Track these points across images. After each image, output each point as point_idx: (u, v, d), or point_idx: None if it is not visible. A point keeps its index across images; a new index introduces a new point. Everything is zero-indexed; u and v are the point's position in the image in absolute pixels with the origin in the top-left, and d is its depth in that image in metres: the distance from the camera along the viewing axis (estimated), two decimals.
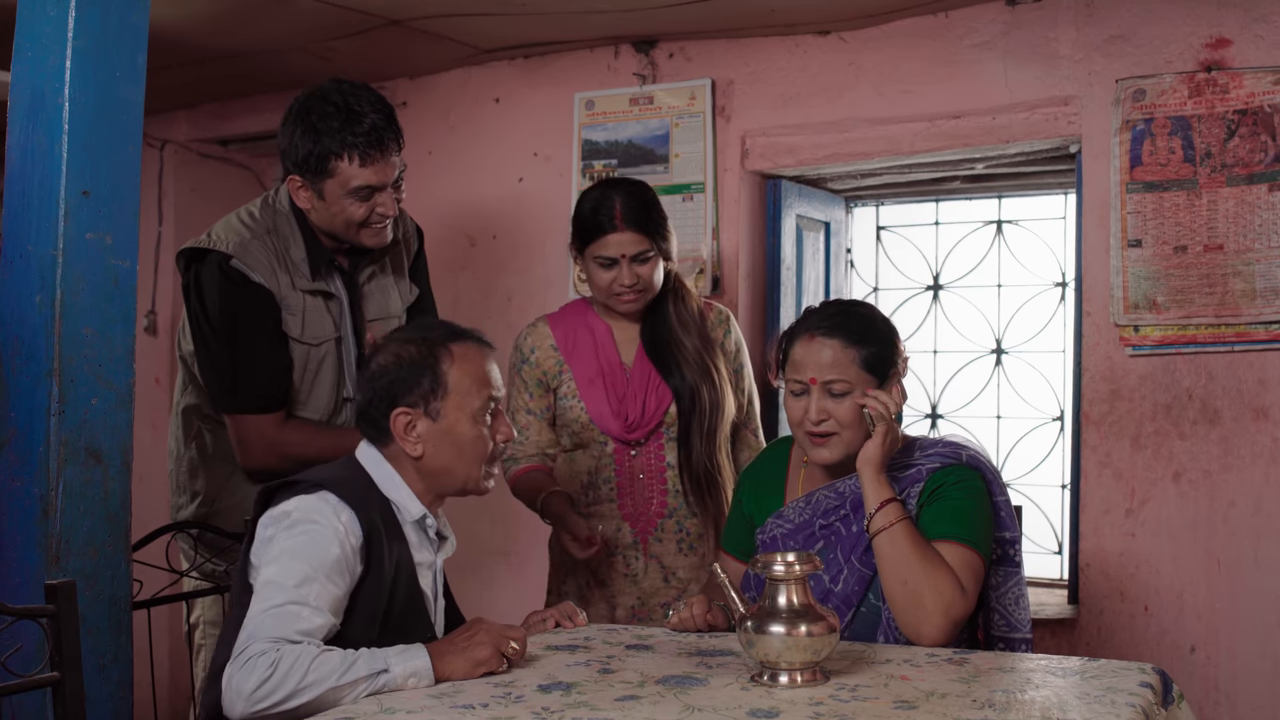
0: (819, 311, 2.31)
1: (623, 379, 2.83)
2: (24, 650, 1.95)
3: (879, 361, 2.25)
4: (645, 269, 2.76)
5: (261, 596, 1.85)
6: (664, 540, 2.83)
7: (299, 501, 1.95)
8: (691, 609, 2.27)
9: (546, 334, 2.91)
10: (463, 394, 2.07)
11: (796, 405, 2.27)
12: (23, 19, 2.29)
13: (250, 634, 1.81)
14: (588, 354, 2.85)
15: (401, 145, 2.59)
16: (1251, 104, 3.15)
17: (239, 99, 4.58)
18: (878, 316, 2.33)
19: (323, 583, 1.88)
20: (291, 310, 2.58)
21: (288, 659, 1.76)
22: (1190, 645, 3.24)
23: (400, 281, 2.81)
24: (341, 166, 2.50)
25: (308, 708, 1.76)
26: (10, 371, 2.25)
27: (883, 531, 2.14)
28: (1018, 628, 2.31)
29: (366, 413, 2.10)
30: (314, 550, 1.90)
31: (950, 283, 4.11)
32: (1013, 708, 1.72)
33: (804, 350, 2.26)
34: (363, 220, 2.57)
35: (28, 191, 2.26)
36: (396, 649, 1.87)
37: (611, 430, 2.81)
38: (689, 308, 2.87)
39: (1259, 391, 3.18)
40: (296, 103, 2.56)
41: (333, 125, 2.49)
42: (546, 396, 2.88)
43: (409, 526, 2.09)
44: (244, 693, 1.75)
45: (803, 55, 3.75)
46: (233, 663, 1.78)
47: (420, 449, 2.07)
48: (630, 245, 2.73)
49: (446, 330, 2.14)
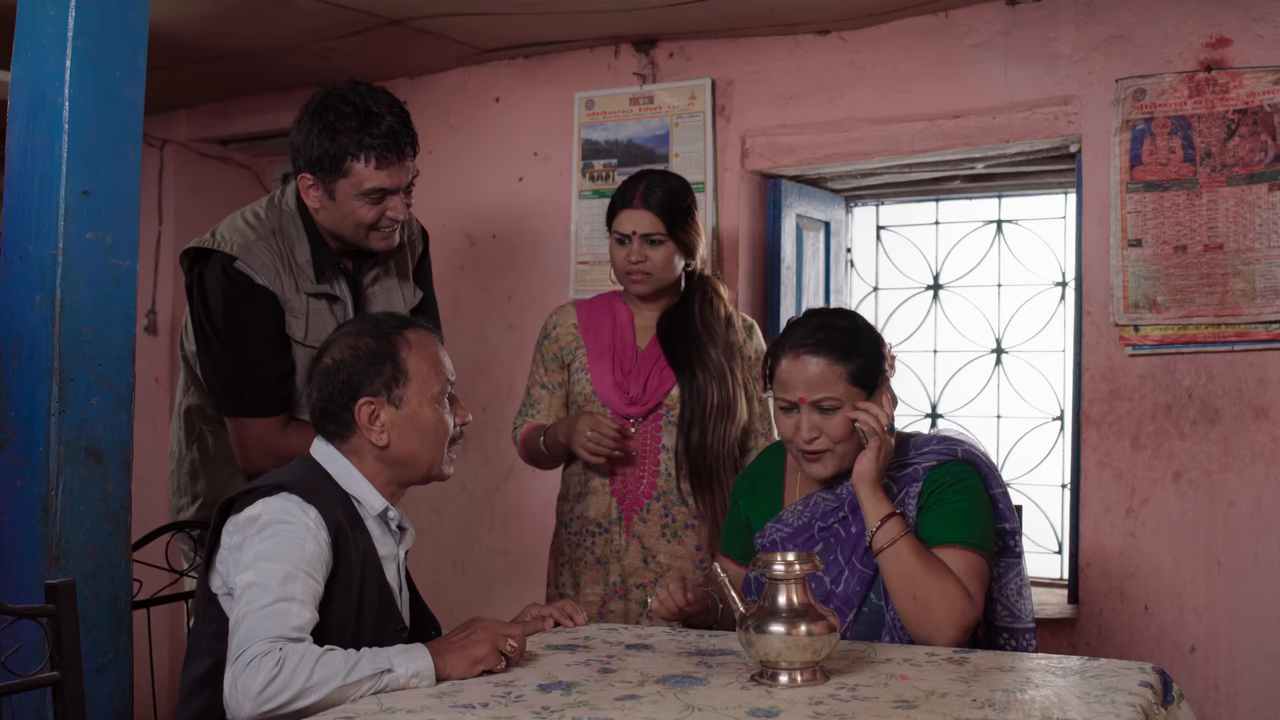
0: (801, 325, 2.29)
1: (631, 357, 2.90)
2: (24, 650, 1.95)
3: (866, 373, 2.24)
4: (655, 252, 2.83)
5: (247, 599, 1.84)
6: (648, 521, 2.86)
7: (264, 505, 1.94)
8: (668, 588, 2.27)
9: (571, 314, 2.99)
10: (423, 379, 2.09)
11: (787, 422, 2.26)
12: (23, 19, 2.29)
13: (245, 636, 1.79)
14: (604, 333, 2.93)
15: (416, 150, 2.59)
16: (1252, 103, 3.15)
17: (239, 99, 4.58)
18: (862, 326, 2.31)
19: (304, 579, 1.88)
20: (295, 313, 2.57)
21: (293, 658, 1.76)
22: (1190, 645, 3.24)
23: (404, 284, 2.81)
24: (356, 168, 2.49)
25: (313, 708, 1.75)
26: (10, 371, 2.25)
27: (887, 549, 2.14)
28: (1021, 618, 2.31)
29: (326, 409, 2.09)
30: (290, 548, 1.90)
31: (950, 282, 4.11)
32: (1013, 707, 1.72)
33: (790, 368, 2.24)
34: (372, 223, 2.56)
35: (28, 191, 2.27)
36: (398, 649, 1.87)
37: (613, 403, 2.86)
38: (716, 313, 2.91)
39: (1259, 391, 3.18)
40: (313, 101, 2.54)
41: (350, 125, 2.47)
42: (561, 372, 2.95)
43: (370, 520, 2.09)
44: (251, 693, 1.73)
45: (803, 55, 3.75)
46: (233, 665, 1.77)
47: (385, 437, 2.07)
48: (643, 223, 2.82)
49: (396, 320, 2.16)
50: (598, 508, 2.89)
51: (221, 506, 2.02)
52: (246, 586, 1.85)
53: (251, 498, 1.97)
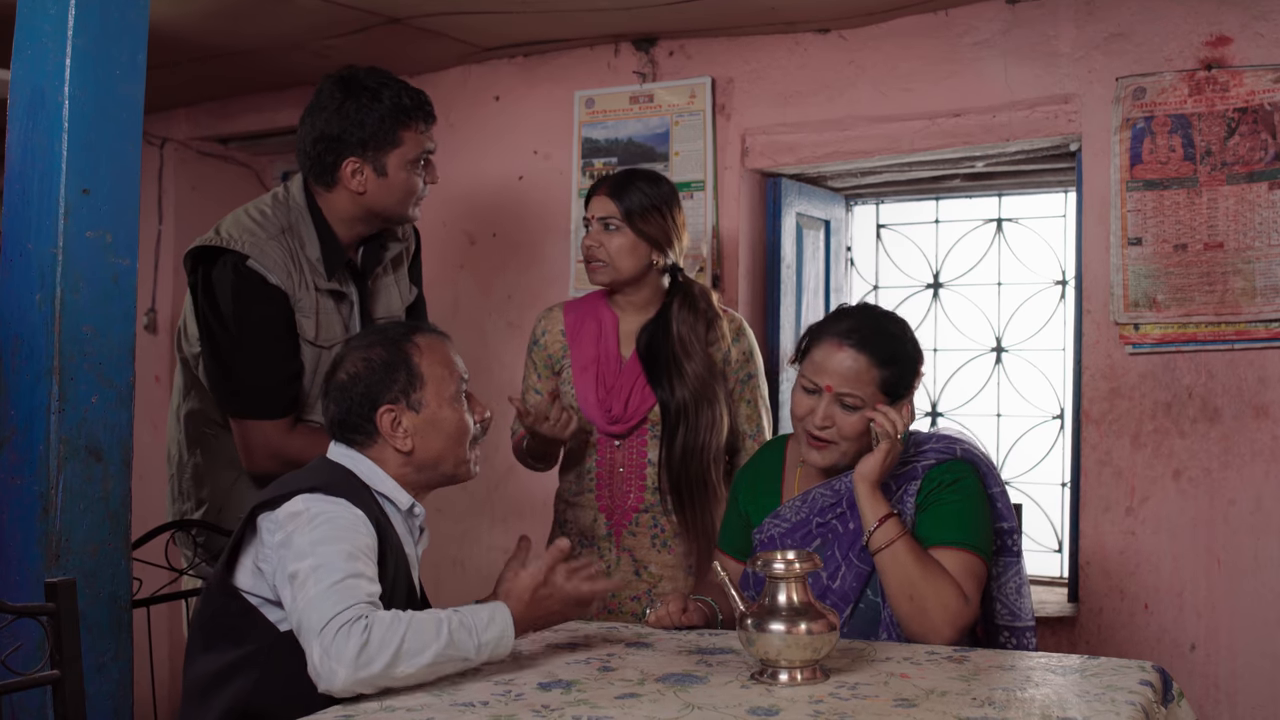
0: (852, 317, 2.28)
1: (614, 371, 2.85)
2: (24, 648, 1.95)
3: (897, 383, 2.24)
4: (610, 239, 2.80)
5: (315, 579, 1.82)
6: (638, 534, 2.85)
7: (306, 500, 1.95)
8: (668, 607, 2.28)
9: (559, 319, 2.96)
10: (438, 381, 2.11)
11: (804, 401, 2.26)
12: (23, 18, 2.29)
13: (323, 611, 1.77)
14: (589, 341, 2.89)
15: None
16: (1252, 102, 3.15)
17: (239, 97, 4.58)
18: (909, 338, 2.30)
19: (365, 560, 1.90)
20: (304, 312, 2.55)
21: (380, 623, 1.76)
22: (1190, 643, 3.24)
23: (401, 281, 2.81)
24: (407, 135, 2.58)
25: (415, 678, 1.77)
26: (10, 370, 2.25)
27: (884, 550, 2.15)
28: (1021, 616, 2.32)
29: (346, 421, 2.10)
30: (346, 532, 1.90)
31: (950, 281, 4.11)
32: (1012, 705, 1.72)
33: (827, 354, 2.24)
34: (418, 191, 2.64)
35: (28, 190, 2.26)
36: (485, 611, 1.89)
37: (596, 420, 2.84)
38: (695, 323, 2.83)
39: (1259, 390, 3.17)
40: (335, 89, 2.56)
41: (389, 98, 2.55)
42: (554, 379, 2.93)
43: (397, 519, 2.10)
44: (347, 658, 1.72)
45: (803, 53, 3.75)
46: (319, 636, 1.75)
47: (410, 443, 2.09)
48: (600, 208, 2.82)
49: (402, 327, 2.20)
50: (585, 520, 2.88)
51: (253, 509, 2.01)
52: (311, 570, 1.84)
53: (287, 496, 1.97)
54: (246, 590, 1.98)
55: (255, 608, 1.97)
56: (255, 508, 2.01)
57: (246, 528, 2.00)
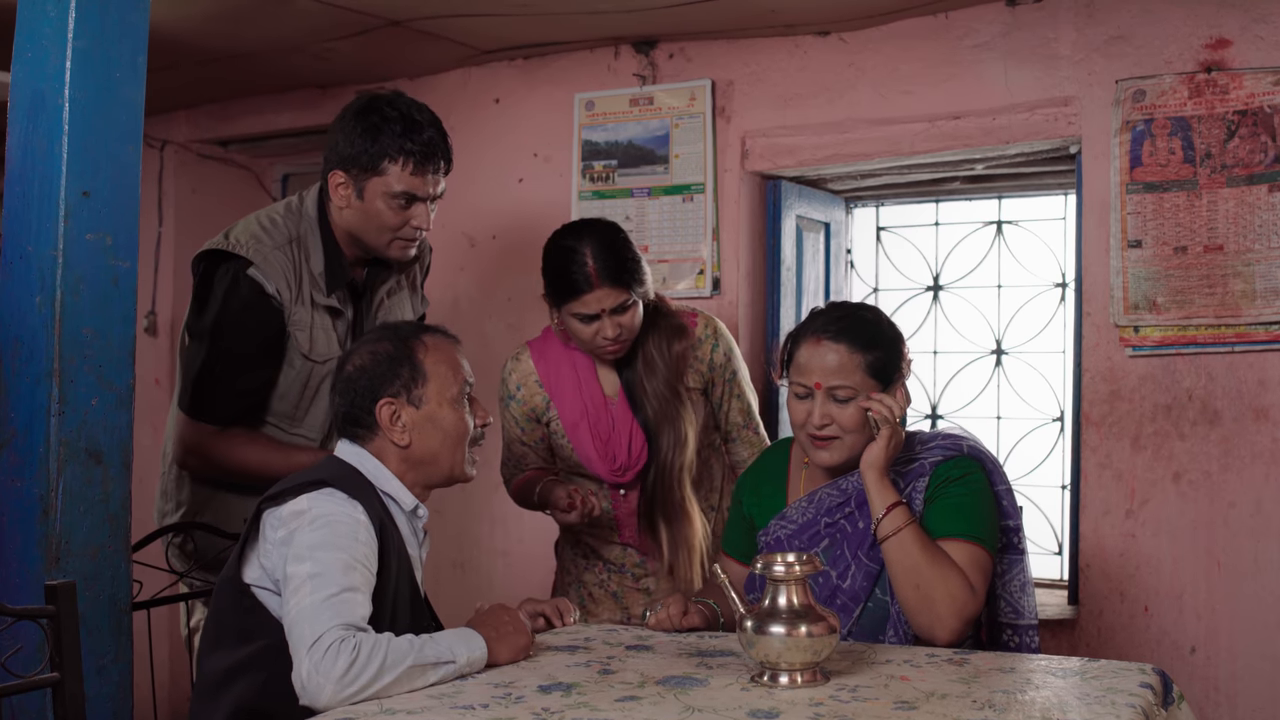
0: (825, 314, 2.31)
1: (606, 419, 2.75)
2: (24, 651, 1.95)
3: (884, 366, 2.25)
4: (626, 317, 2.64)
5: (311, 588, 1.85)
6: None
7: (310, 499, 1.97)
8: (669, 609, 2.29)
9: (530, 369, 2.81)
10: (441, 380, 2.15)
11: (800, 408, 2.27)
12: (23, 19, 2.29)
13: (316, 624, 1.81)
14: (571, 391, 2.77)
15: (450, 168, 2.64)
16: (1251, 104, 3.15)
17: (239, 99, 4.58)
18: (884, 321, 2.33)
19: (362, 570, 1.92)
20: (300, 326, 2.58)
21: (366, 644, 1.79)
22: (1190, 646, 3.24)
23: (414, 296, 2.85)
24: (391, 169, 2.54)
25: (386, 690, 1.78)
26: (10, 372, 2.25)
27: (891, 537, 2.15)
28: (1024, 614, 2.32)
29: (350, 413, 2.15)
30: (345, 539, 1.93)
31: (950, 283, 4.11)
32: (1013, 708, 1.72)
33: (809, 354, 2.26)
34: (395, 228, 2.58)
35: (28, 192, 2.26)
36: (454, 635, 1.92)
37: (602, 475, 2.77)
38: (658, 339, 2.74)
39: (1259, 392, 3.17)
40: (358, 103, 2.58)
41: (394, 129, 2.53)
42: (539, 429, 2.83)
43: (401, 519, 2.13)
44: (334, 676, 1.75)
45: (803, 56, 3.75)
46: (309, 651, 1.78)
47: (407, 437, 2.12)
48: (609, 299, 2.60)
49: (413, 326, 2.25)
50: (613, 555, 2.84)
51: (260, 504, 2.04)
52: (308, 577, 1.87)
53: (294, 492, 2.00)
54: (254, 584, 2.01)
55: (263, 604, 1.99)
56: (261, 503, 2.03)
57: (254, 524, 2.03)
